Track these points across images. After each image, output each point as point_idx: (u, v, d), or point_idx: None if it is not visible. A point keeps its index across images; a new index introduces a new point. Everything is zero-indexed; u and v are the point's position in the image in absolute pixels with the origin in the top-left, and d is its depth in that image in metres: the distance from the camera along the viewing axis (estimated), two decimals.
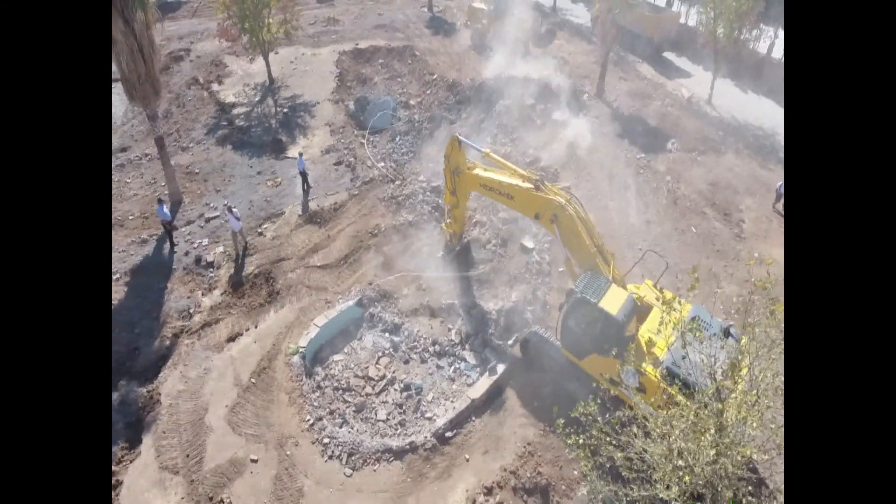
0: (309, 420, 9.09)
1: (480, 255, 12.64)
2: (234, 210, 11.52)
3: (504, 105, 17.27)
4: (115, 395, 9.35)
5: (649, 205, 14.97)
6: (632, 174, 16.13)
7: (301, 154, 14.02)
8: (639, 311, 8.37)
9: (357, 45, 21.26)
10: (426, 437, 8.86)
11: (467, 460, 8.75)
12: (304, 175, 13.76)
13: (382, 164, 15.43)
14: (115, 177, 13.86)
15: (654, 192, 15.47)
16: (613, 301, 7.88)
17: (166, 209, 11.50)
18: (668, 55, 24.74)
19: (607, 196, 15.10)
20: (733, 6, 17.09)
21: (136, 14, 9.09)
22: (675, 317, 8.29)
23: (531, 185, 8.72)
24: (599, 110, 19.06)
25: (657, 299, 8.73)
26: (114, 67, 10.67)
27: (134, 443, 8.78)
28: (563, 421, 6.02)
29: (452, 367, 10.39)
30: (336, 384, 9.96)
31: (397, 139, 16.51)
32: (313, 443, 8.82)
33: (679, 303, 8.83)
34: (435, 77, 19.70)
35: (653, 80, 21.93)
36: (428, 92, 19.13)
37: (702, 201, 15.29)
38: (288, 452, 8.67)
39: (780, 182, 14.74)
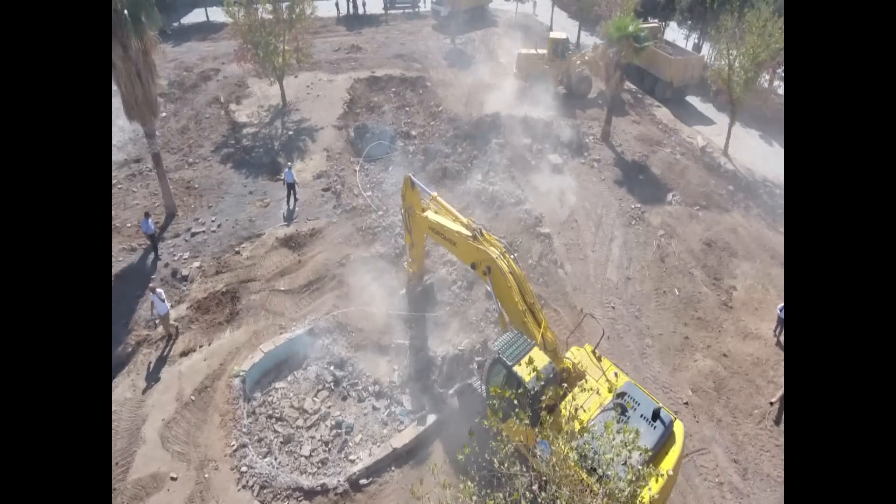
0: (234, 445, 9.30)
1: (443, 296, 12.56)
2: (158, 291, 10.63)
3: (498, 143, 17.28)
4: None
5: (633, 260, 14.29)
6: (622, 225, 15.51)
7: (290, 167, 14.79)
8: (558, 379, 7.94)
9: (373, 72, 22.17)
10: (339, 481, 8.79)
11: None
12: (291, 187, 14.45)
13: (370, 193, 15.83)
14: (123, 185, 15.17)
15: (642, 247, 14.77)
16: (530, 367, 7.55)
17: (151, 223, 12.39)
18: (692, 100, 23.83)
19: (589, 246, 14.59)
20: (750, 53, 16.23)
21: (132, 41, 10.05)
22: (603, 391, 7.86)
23: (470, 234, 8.67)
24: (601, 154, 18.59)
25: (578, 365, 8.30)
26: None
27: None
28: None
29: (388, 411, 10.30)
30: (271, 412, 10.15)
31: (390, 169, 16.93)
32: (232, 469, 8.99)
33: (616, 375, 8.39)
34: (440, 109, 20.12)
35: (668, 125, 21.15)
36: (432, 123, 19.55)
37: (692, 261, 14.39)
38: (206, 475, 8.89)
39: (781, 304, 11.99)
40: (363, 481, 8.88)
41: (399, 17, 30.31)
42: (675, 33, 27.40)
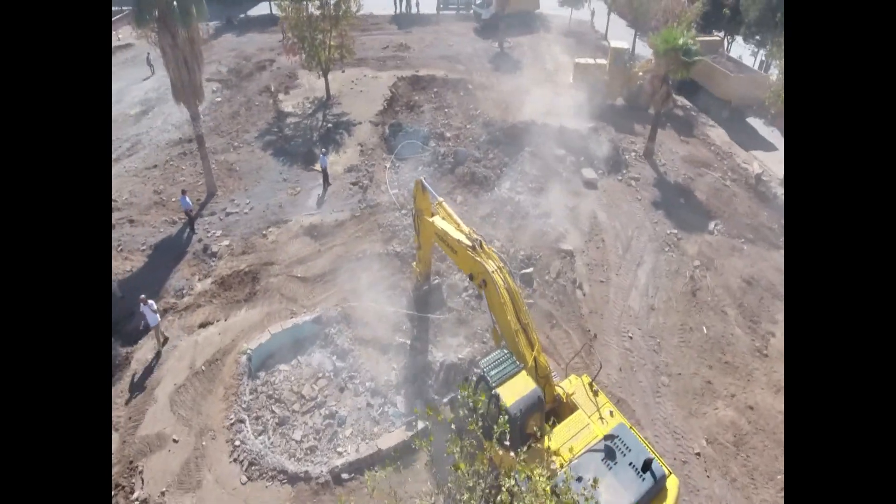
0: (232, 419, 9.79)
1: (452, 302, 12.48)
2: (149, 302, 10.41)
3: (530, 152, 16.88)
4: None
5: (660, 289, 13.44)
6: (653, 250, 14.64)
7: (325, 153, 15.71)
8: (543, 408, 7.60)
9: (417, 72, 22.41)
10: (322, 471, 9.00)
11: None
12: (325, 172, 15.33)
13: (396, 191, 16.04)
14: (174, 163, 16.40)
15: (672, 277, 13.86)
16: (514, 390, 7.29)
17: (188, 200, 13.30)
18: (755, 122, 22.00)
19: (613, 268, 13.90)
20: None
21: (179, 31, 10.82)
22: (593, 429, 7.45)
23: (469, 244, 8.54)
24: (641, 172, 17.64)
25: (572, 396, 7.91)
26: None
27: None
28: None
29: (381, 409, 10.39)
30: (271, 392, 10.58)
31: (420, 168, 17.05)
32: (227, 441, 9.46)
33: (611, 413, 7.94)
34: (478, 113, 19.98)
35: (721, 147, 19.70)
36: (468, 127, 19.46)
37: (727, 299, 13.30)
38: (203, 443, 9.43)
39: None
40: (345, 475, 9.02)
41: (450, 17, 30.48)
42: (741, 49, 25.43)
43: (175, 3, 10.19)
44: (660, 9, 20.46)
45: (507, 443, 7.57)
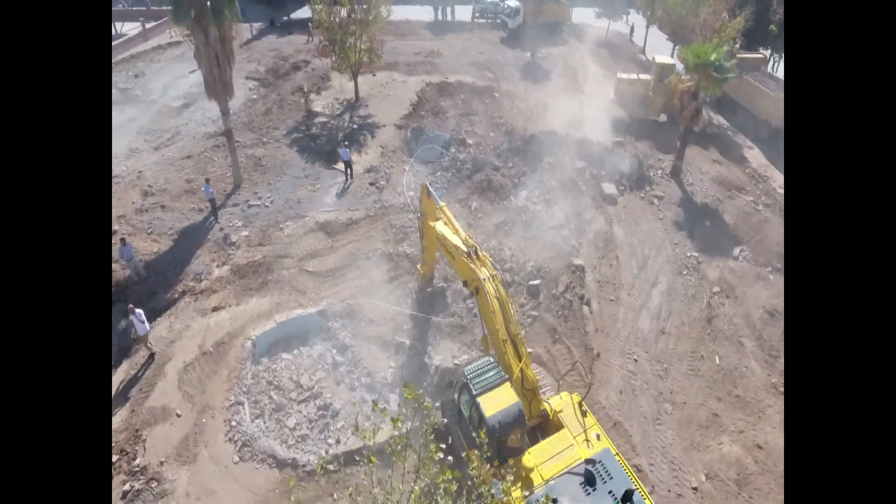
0: (232, 400, 10.22)
1: (456, 307, 12.51)
2: (137, 311, 10.33)
3: (550, 163, 16.69)
4: (123, 323, 11.81)
5: (674, 313, 12.91)
6: (670, 272, 14.10)
7: (347, 145, 16.17)
8: (524, 422, 7.46)
9: (445, 78, 22.69)
10: (310, 459, 9.22)
11: (334, 499, 8.83)
12: (347, 164, 15.88)
13: (412, 193, 16.27)
14: (207, 154, 17.37)
15: (688, 301, 13.28)
16: (496, 401, 7.21)
17: (211, 189, 14.06)
18: None
19: (625, 287, 13.49)
20: None
21: (212, 30, 11.51)
22: (577, 451, 7.26)
23: (465, 250, 8.57)
24: (666, 191, 17.05)
25: (559, 413, 7.73)
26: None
27: (114, 365, 11.00)
28: None
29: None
30: (271, 378, 10.96)
31: (438, 173, 17.24)
32: (225, 421, 9.88)
33: (597, 437, 7.72)
34: (502, 121, 19.98)
35: (756, 169, 18.73)
36: (491, 134, 19.50)
37: (746, 329, 12.60)
38: (203, 420, 9.89)
39: None
40: (331, 467, 9.18)
41: (484, 26, 30.69)
42: None
43: (208, 3, 10.91)
44: (699, 23, 19.76)
45: (463, 443, 7.48)
